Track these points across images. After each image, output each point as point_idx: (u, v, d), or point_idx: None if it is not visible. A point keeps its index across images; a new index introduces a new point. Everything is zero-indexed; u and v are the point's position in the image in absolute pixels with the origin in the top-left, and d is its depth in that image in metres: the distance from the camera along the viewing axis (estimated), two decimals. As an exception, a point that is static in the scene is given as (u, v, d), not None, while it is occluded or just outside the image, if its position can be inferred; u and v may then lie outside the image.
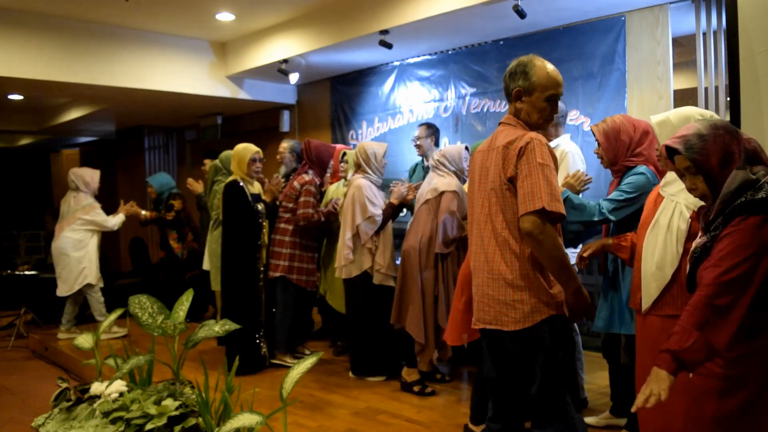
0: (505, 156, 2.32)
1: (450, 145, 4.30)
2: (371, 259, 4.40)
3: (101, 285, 6.23)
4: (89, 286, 6.16)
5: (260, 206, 4.87)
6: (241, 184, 4.83)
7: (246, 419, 2.85)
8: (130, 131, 10.00)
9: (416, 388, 4.19)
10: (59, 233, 6.11)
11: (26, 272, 7.32)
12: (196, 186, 6.22)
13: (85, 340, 4.42)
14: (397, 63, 6.69)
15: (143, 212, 6.58)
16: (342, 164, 5.28)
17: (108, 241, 7.14)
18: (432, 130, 5.30)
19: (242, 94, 7.38)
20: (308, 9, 6.01)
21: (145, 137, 9.83)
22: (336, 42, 5.91)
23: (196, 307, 5.31)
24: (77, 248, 6.07)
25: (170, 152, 9.99)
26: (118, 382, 3.92)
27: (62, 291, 6.10)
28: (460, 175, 4.20)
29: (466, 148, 4.28)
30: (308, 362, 3.01)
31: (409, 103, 6.61)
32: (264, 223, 4.89)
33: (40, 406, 4.41)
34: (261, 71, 6.93)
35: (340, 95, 7.36)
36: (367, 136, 7.00)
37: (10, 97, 7.70)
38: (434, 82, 6.38)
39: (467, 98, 6.06)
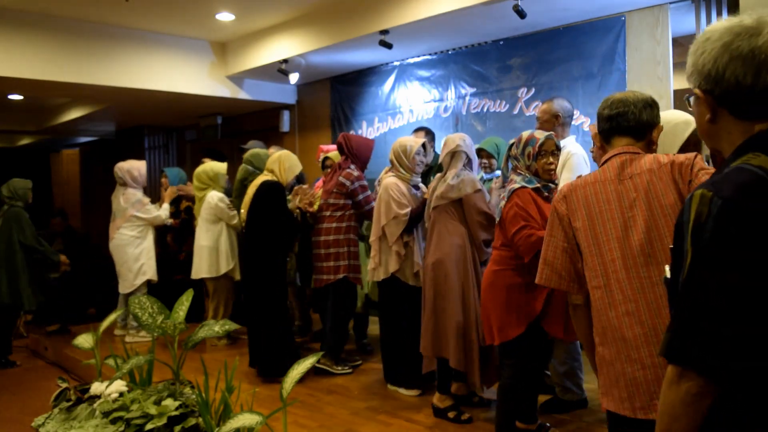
0: (677, 174, 1.92)
1: (455, 134, 3.86)
2: (398, 262, 4.11)
3: (155, 279, 6.12)
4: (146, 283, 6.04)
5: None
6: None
7: (246, 419, 2.85)
8: (130, 131, 10.00)
9: (451, 415, 3.72)
10: (114, 232, 6.00)
11: (26, 272, 7.31)
12: (189, 189, 6.32)
13: (84, 340, 4.42)
14: (397, 63, 6.69)
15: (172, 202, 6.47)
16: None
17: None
18: (431, 135, 5.32)
19: (242, 94, 7.38)
20: (308, 9, 6.01)
21: (145, 137, 9.83)
22: (336, 42, 5.91)
23: (194, 308, 5.25)
24: (134, 245, 5.97)
25: (170, 152, 9.99)
26: (118, 382, 3.92)
27: (123, 288, 6.00)
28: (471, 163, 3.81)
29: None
30: (308, 362, 3.01)
31: (409, 103, 6.61)
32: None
33: (40, 406, 4.41)
34: (261, 71, 6.93)
35: (340, 95, 7.36)
36: (367, 136, 6.99)
37: (10, 97, 7.70)
38: (434, 82, 6.38)
39: (467, 98, 6.06)
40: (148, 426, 3.28)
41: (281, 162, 4.77)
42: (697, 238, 1.14)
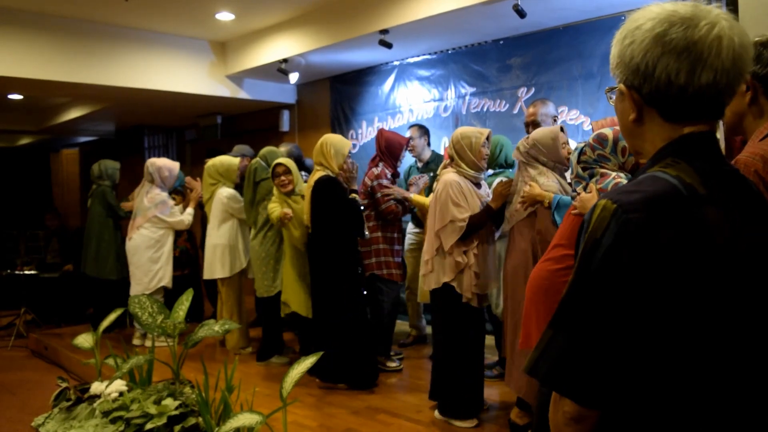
0: None
1: (541, 129, 3.50)
2: (454, 272, 3.55)
3: (170, 286, 5.84)
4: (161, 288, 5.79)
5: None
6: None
7: (246, 419, 2.85)
8: (129, 131, 9.99)
9: None
10: (133, 231, 5.74)
11: (26, 272, 7.33)
12: (196, 185, 6.17)
13: (84, 339, 4.42)
14: (396, 62, 6.69)
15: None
16: None
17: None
18: (424, 130, 5.37)
19: (242, 94, 7.37)
20: (308, 9, 6.01)
21: (145, 137, 9.82)
22: (336, 41, 5.91)
23: (193, 307, 5.17)
24: (154, 248, 5.72)
25: (170, 152, 9.97)
26: (117, 381, 3.91)
27: (136, 292, 5.58)
28: (561, 168, 3.42)
29: (562, 129, 3.40)
30: (308, 362, 3.01)
31: (409, 103, 6.61)
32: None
33: (40, 406, 4.41)
34: (261, 71, 6.93)
35: (340, 95, 7.36)
36: (367, 135, 7.00)
37: (10, 96, 7.69)
38: (434, 82, 6.37)
39: (467, 98, 6.06)
40: (148, 426, 3.28)
41: (325, 151, 4.46)
42: (588, 254, 1.00)
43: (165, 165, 5.88)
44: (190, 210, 5.94)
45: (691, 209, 0.99)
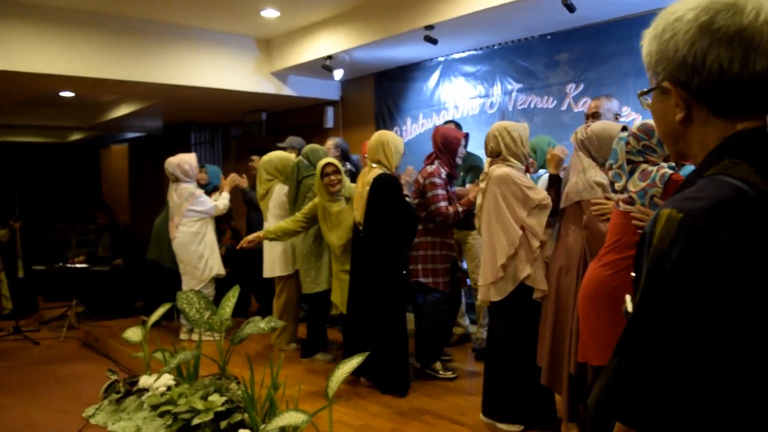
0: None
1: (602, 123, 3.32)
2: (529, 267, 3.37)
3: (223, 273, 5.90)
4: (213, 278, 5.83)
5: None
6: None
7: (292, 417, 2.86)
8: (177, 127, 10.15)
9: None
10: (174, 230, 5.78)
11: (77, 265, 7.52)
12: (242, 181, 6.22)
13: (134, 333, 4.51)
14: (441, 58, 6.63)
15: (245, 183, 6.26)
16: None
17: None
18: (459, 128, 5.26)
19: (286, 91, 7.41)
20: (353, 5, 5.99)
21: (192, 133, 9.96)
22: (381, 38, 5.88)
23: (238, 303, 5.18)
24: (196, 241, 5.73)
25: (216, 147, 10.11)
26: (166, 376, 3.98)
27: (190, 286, 5.66)
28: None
29: (624, 128, 3.03)
30: (354, 362, 3.01)
31: (454, 99, 6.54)
32: None
33: (90, 397, 4.51)
34: (305, 67, 6.95)
35: (384, 91, 7.33)
36: (412, 132, 6.96)
37: (62, 94, 7.88)
38: (480, 78, 6.30)
39: (513, 94, 5.97)
40: (195, 421, 3.32)
41: (386, 149, 4.35)
42: (655, 270, 0.91)
43: (181, 160, 5.88)
44: (225, 194, 5.95)
45: (763, 211, 0.90)
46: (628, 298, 1.01)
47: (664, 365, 0.89)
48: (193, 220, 5.75)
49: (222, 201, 5.89)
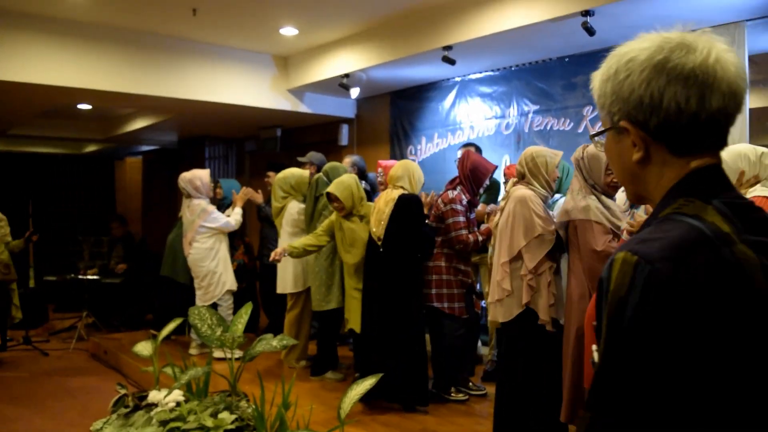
0: None
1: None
2: (530, 292, 3.37)
3: (235, 289, 5.90)
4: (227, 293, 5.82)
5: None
6: None
7: (303, 438, 2.81)
8: (191, 141, 10.21)
9: None
10: (188, 246, 5.78)
11: (89, 276, 7.53)
12: (257, 196, 6.21)
13: (144, 347, 4.47)
14: (458, 78, 6.63)
15: (259, 197, 6.24)
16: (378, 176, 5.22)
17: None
18: (479, 151, 5.24)
19: (302, 108, 7.44)
20: (371, 24, 6.02)
21: (206, 147, 10.02)
22: (398, 57, 5.90)
23: (249, 319, 5.12)
24: (210, 257, 5.72)
25: (230, 162, 10.14)
26: (175, 391, 3.94)
27: (204, 300, 5.74)
28: (599, 192, 3.22)
29: None
30: (367, 383, 2.96)
31: (470, 120, 6.54)
32: None
33: (98, 410, 4.48)
34: (322, 85, 6.98)
35: (400, 110, 7.34)
36: (426, 151, 6.95)
37: (80, 106, 7.94)
38: (496, 99, 6.29)
39: (530, 115, 5.96)
40: (204, 438, 3.28)
41: (411, 175, 4.46)
42: (615, 318, 0.88)
43: (194, 175, 5.86)
44: (237, 210, 5.93)
45: (720, 250, 0.88)
46: (594, 348, 0.97)
47: (638, 421, 0.86)
48: (206, 236, 5.73)
49: (234, 217, 5.88)
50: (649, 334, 0.85)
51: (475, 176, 4.40)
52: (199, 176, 5.87)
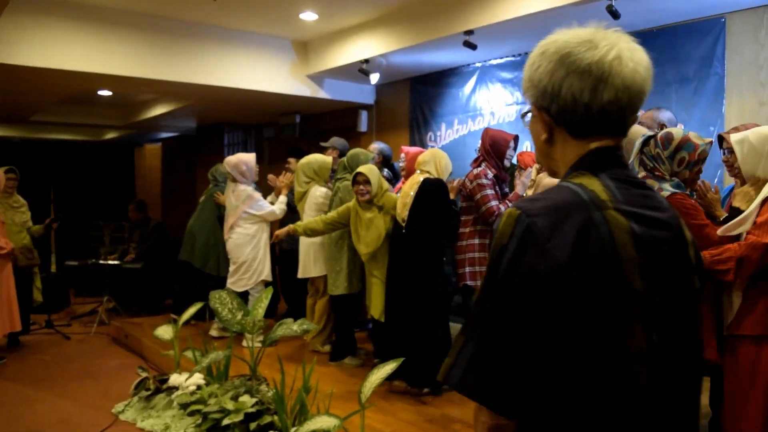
0: None
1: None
2: None
3: (270, 279, 5.79)
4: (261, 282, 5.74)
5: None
6: None
7: (323, 422, 2.82)
8: (210, 127, 10.22)
9: None
10: (229, 231, 5.72)
11: (110, 261, 7.59)
12: (280, 183, 6.17)
13: (165, 331, 4.52)
14: (479, 64, 6.57)
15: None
16: (401, 163, 5.18)
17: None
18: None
19: (322, 93, 7.41)
20: (391, 9, 5.96)
21: (225, 133, 10.02)
22: (419, 42, 5.83)
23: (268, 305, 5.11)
24: (250, 244, 5.65)
25: (248, 148, 10.14)
26: (196, 375, 3.97)
27: (238, 287, 5.60)
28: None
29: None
30: (388, 368, 2.96)
31: (491, 106, 6.48)
32: None
33: (120, 393, 4.52)
34: (341, 71, 6.94)
35: (420, 96, 7.29)
36: (446, 138, 6.91)
37: (100, 92, 7.98)
38: (517, 84, 6.21)
39: (551, 101, 5.88)
40: (225, 421, 3.30)
41: (437, 161, 4.45)
42: (495, 260, 1.04)
43: (240, 160, 5.77)
44: (282, 198, 5.85)
45: (591, 212, 1.03)
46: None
47: (499, 345, 1.01)
48: (249, 222, 5.67)
49: (279, 206, 5.81)
50: (518, 278, 1.01)
51: (495, 149, 4.46)
52: (244, 161, 5.78)
